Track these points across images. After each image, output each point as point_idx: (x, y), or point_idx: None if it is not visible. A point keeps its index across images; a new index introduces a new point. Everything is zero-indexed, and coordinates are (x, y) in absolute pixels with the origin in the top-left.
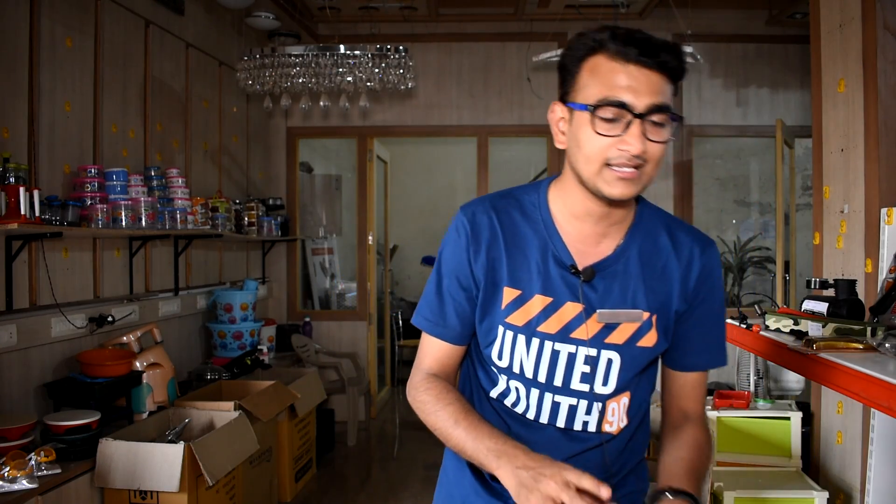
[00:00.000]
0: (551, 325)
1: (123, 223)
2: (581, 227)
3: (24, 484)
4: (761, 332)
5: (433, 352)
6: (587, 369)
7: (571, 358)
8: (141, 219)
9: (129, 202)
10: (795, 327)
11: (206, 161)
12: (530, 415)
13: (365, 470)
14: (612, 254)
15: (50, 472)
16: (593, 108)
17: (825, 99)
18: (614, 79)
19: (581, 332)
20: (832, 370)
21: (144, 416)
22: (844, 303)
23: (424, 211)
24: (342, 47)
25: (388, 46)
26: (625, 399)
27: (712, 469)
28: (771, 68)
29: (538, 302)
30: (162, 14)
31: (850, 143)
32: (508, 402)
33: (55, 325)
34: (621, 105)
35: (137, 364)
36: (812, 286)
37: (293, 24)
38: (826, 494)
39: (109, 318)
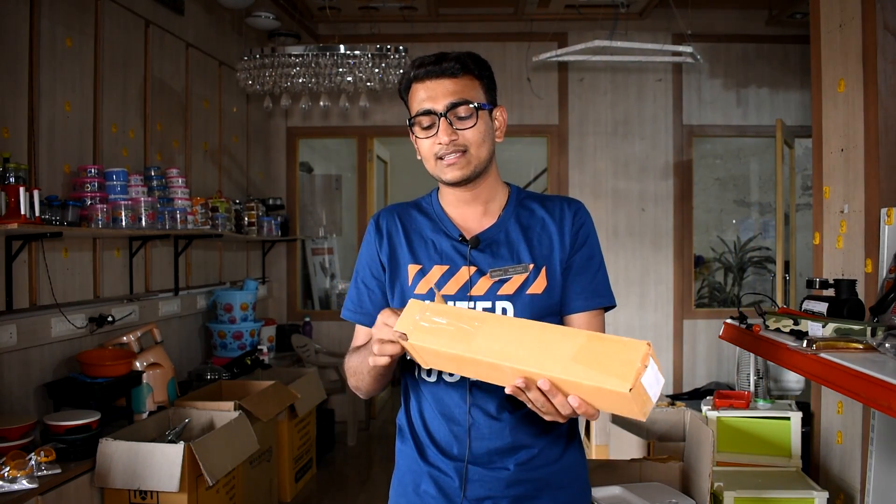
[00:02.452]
0: (451, 287)
1: (123, 223)
2: (460, 211)
3: (24, 484)
4: (761, 332)
5: (361, 336)
6: None
7: None
8: (141, 219)
9: (129, 202)
10: (795, 327)
11: (206, 161)
12: (445, 373)
13: (365, 470)
14: (493, 225)
15: (50, 472)
16: (411, 121)
17: (825, 99)
18: (419, 95)
19: (477, 290)
20: (832, 370)
21: (144, 416)
22: (844, 303)
23: None
24: (342, 47)
25: (388, 46)
26: None
27: (713, 469)
28: (771, 68)
29: (437, 270)
30: (162, 14)
31: (850, 143)
32: (423, 373)
33: (55, 325)
34: (427, 112)
35: (137, 364)
36: (812, 286)
37: (293, 24)
38: (826, 494)
39: (109, 318)
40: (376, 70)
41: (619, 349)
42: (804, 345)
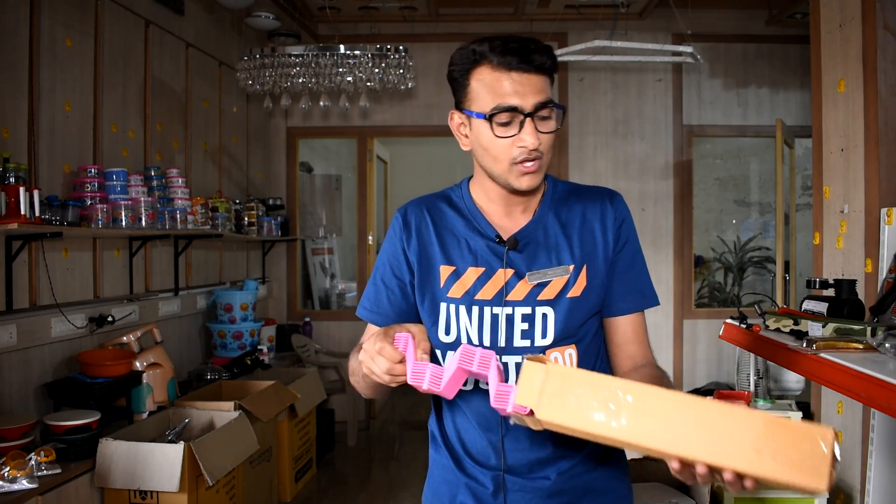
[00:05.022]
0: (487, 292)
1: (123, 223)
2: (498, 207)
3: (24, 484)
4: (761, 332)
5: (370, 335)
6: (525, 326)
7: (510, 319)
8: (141, 219)
9: (129, 202)
10: (795, 327)
11: (206, 161)
12: (481, 381)
13: (365, 470)
14: (530, 223)
15: (50, 472)
16: (490, 116)
17: (825, 99)
18: (501, 87)
19: (515, 294)
20: (832, 370)
21: (144, 416)
22: (844, 303)
23: None
24: (342, 47)
25: (388, 46)
26: (570, 351)
27: None
28: (771, 68)
29: (472, 273)
30: (162, 14)
31: (850, 143)
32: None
33: (55, 325)
34: (513, 109)
35: (137, 364)
36: (812, 286)
37: (293, 24)
38: (826, 494)
39: (109, 318)
40: (376, 70)
41: (803, 437)
42: (804, 345)
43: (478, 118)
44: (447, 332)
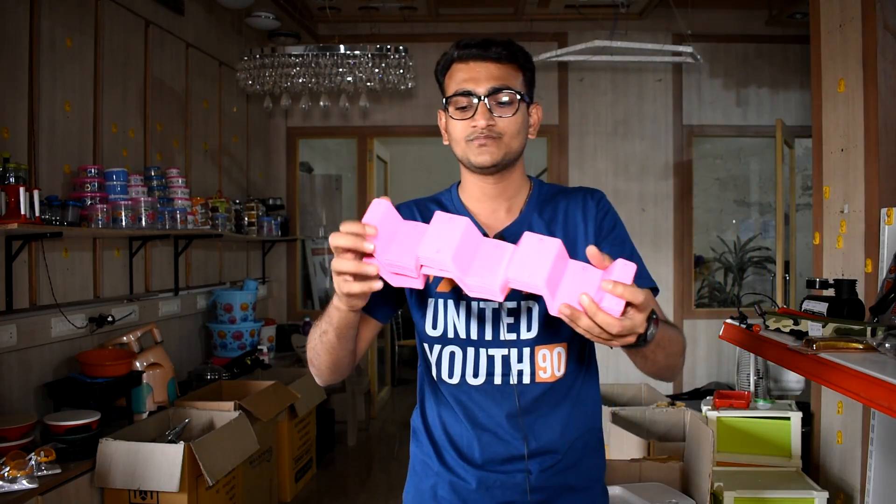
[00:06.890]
0: None
1: (123, 223)
2: (483, 206)
3: (24, 484)
4: (761, 332)
5: None
6: (511, 320)
7: (496, 313)
8: (141, 219)
9: (129, 202)
10: (795, 327)
11: (206, 161)
12: (468, 375)
13: (365, 470)
14: (515, 221)
15: (50, 472)
16: (447, 100)
17: (825, 99)
18: (459, 75)
19: None
20: (832, 370)
21: (144, 416)
22: (844, 303)
23: None
24: (342, 47)
25: (388, 46)
26: (560, 349)
27: (713, 469)
28: (771, 68)
29: None
30: (162, 14)
31: (850, 143)
32: (444, 374)
33: (55, 325)
34: (467, 93)
35: (137, 364)
36: (812, 286)
37: (293, 24)
38: (826, 494)
39: (109, 318)
40: (376, 70)
41: None
42: (804, 345)
43: (443, 107)
44: (434, 326)
